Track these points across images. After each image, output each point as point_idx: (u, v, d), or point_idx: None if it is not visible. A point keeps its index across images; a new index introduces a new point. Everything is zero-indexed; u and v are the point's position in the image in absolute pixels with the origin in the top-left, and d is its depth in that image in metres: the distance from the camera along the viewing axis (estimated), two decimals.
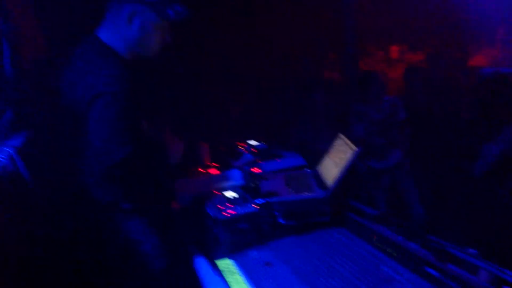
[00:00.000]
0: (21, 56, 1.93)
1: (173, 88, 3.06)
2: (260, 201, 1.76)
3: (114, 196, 1.85)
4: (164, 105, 2.85)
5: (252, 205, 1.78)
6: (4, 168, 1.22)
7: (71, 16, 2.34)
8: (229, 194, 1.94)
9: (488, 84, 3.12)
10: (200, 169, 2.51)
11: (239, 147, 2.59)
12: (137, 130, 1.83)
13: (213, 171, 2.43)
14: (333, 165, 1.99)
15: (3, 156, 1.27)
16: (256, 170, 2.29)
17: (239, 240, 1.70)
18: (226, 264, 1.62)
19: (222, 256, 1.67)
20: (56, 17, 2.37)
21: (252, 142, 2.63)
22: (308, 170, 2.28)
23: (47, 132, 1.93)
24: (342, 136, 2.07)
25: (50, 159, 1.89)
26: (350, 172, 1.84)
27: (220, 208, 1.81)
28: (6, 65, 1.76)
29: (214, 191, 2.04)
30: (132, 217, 1.90)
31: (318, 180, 2.06)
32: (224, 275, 1.54)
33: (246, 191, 1.97)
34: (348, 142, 1.95)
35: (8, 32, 1.78)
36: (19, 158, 1.33)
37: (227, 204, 1.84)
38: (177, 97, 3.06)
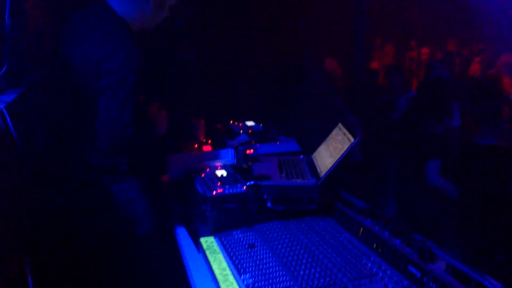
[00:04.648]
0: (23, 11, 1.89)
1: (174, 63, 3.01)
2: (250, 183, 1.74)
3: (113, 160, 1.87)
4: (162, 79, 2.81)
5: (242, 186, 1.76)
6: None
7: None
8: (220, 172, 1.93)
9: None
10: (194, 145, 2.49)
11: (236, 126, 2.56)
12: (139, 104, 1.84)
13: (207, 148, 2.41)
14: (328, 154, 1.97)
15: None
16: (250, 151, 2.27)
17: (225, 219, 1.68)
18: (209, 242, 1.61)
19: (206, 233, 1.66)
20: None
21: (249, 123, 2.60)
22: (303, 156, 2.26)
23: (42, 91, 1.89)
24: (341, 125, 2.04)
25: (43, 119, 1.86)
26: (345, 163, 1.82)
27: (209, 186, 1.79)
28: (6, 19, 1.71)
29: (206, 168, 2.02)
30: (126, 178, 1.92)
31: (312, 167, 2.04)
32: (206, 253, 1.53)
33: (238, 172, 1.96)
34: (346, 132, 1.92)
35: None
36: (8, 114, 1.30)
37: (217, 182, 1.82)
38: (178, 72, 3.02)
